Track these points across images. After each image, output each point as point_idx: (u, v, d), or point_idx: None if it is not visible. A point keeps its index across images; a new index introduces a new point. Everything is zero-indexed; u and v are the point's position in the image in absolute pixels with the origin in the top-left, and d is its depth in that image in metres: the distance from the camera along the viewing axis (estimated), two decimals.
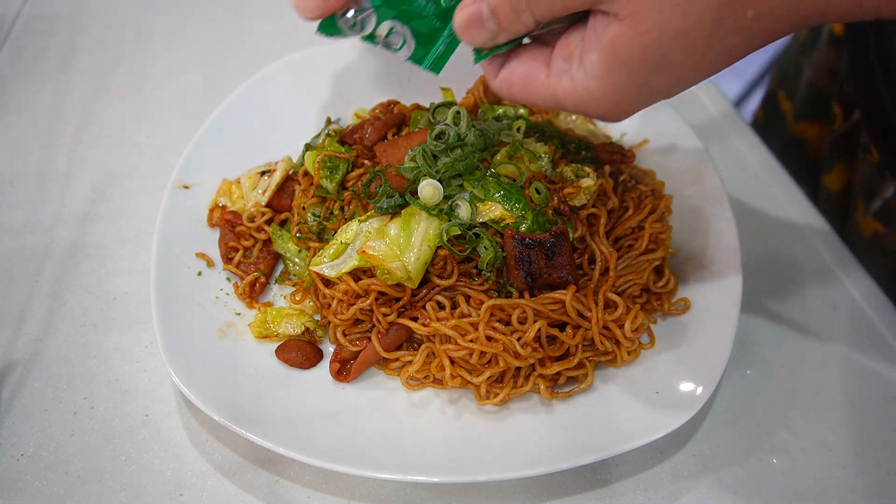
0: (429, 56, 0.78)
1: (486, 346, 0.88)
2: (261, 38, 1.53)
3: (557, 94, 0.72)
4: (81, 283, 1.08)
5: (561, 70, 0.71)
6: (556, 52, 0.72)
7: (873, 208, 1.21)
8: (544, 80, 0.73)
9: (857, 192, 1.26)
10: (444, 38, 0.77)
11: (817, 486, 0.90)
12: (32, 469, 0.87)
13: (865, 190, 1.23)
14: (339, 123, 1.21)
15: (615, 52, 0.65)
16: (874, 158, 1.19)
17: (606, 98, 0.69)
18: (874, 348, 1.05)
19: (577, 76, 0.69)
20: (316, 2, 0.76)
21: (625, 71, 0.66)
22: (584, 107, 0.71)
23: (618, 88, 0.68)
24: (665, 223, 1.05)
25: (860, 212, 1.24)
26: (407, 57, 0.79)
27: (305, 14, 0.78)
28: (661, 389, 0.91)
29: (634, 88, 0.68)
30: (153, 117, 1.35)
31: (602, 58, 0.66)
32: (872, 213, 1.21)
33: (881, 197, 1.19)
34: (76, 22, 1.55)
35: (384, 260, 0.88)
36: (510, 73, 0.75)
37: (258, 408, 0.87)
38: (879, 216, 1.20)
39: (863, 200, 1.24)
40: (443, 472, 0.82)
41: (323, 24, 0.79)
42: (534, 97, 0.74)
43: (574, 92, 0.70)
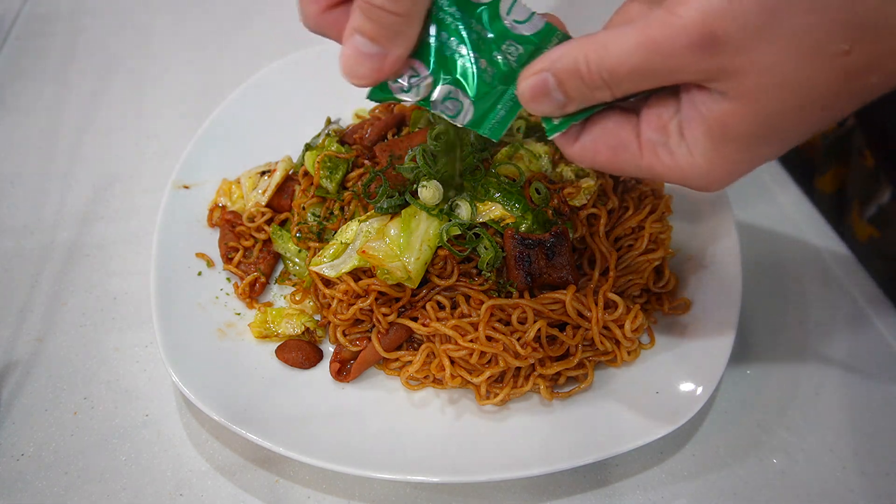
0: (487, 121, 0.72)
1: (486, 346, 0.88)
2: (261, 38, 1.53)
3: (655, 167, 0.67)
4: (81, 283, 1.08)
5: (656, 143, 0.66)
6: (646, 125, 0.66)
7: (868, 213, 1.20)
8: (635, 152, 0.67)
9: (851, 196, 1.25)
10: (504, 102, 0.72)
11: (817, 486, 0.90)
12: (32, 469, 0.87)
13: (860, 194, 1.23)
14: (339, 123, 1.21)
15: (724, 129, 0.61)
16: (869, 162, 1.19)
17: (713, 172, 0.64)
18: (874, 348, 1.05)
19: (678, 152, 0.65)
20: (369, 69, 0.69)
21: (734, 147, 0.62)
22: (686, 181, 0.67)
23: (725, 161, 0.63)
24: (665, 223, 1.05)
25: (855, 216, 1.24)
26: (464, 123, 0.73)
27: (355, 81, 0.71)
28: (661, 389, 0.91)
29: (744, 161, 0.64)
30: (153, 117, 1.35)
31: (708, 134, 0.62)
32: (868, 217, 1.21)
33: (876, 202, 1.18)
34: (76, 22, 1.55)
35: (384, 260, 0.88)
36: (594, 141, 0.69)
37: (258, 408, 0.87)
38: (875, 221, 1.20)
39: (858, 205, 1.23)
40: (443, 472, 0.82)
41: (374, 90, 0.73)
42: (624, 168, 0.69)
43: (677, 168, 0.65)
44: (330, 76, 1.29)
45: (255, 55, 1.47)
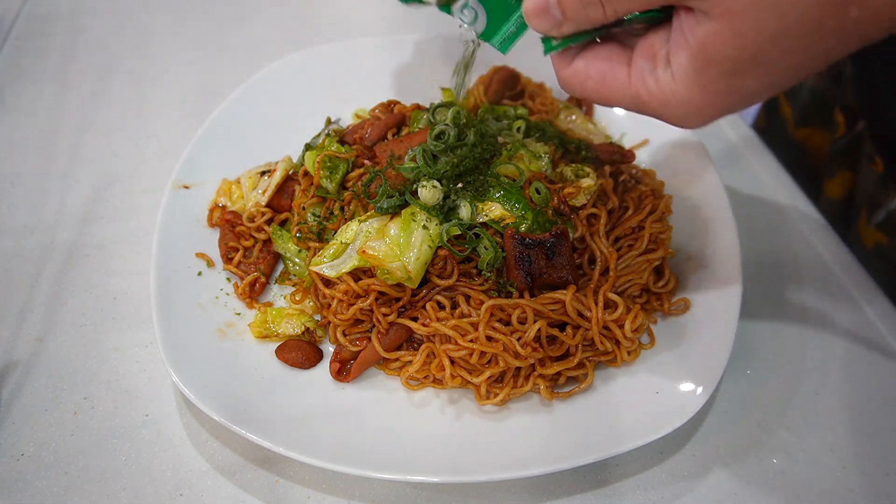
0: (498, 34, 0.79)
1: (486, 346, 0.88)
2: (261, 38, 1.53)
3: (640, 94, 0.69)
4: (81, 283, 1.08)
5: (644, 70, 0.68)
6: (638, 53, 0.69)
7: (877, 219, 1.20)
8: (624, 80, 0.70)
9: (859, 202, 1.25)
10: (515, 18, 0.78)
11: (817, 485, 0.90)
12: (32, 469, 0.87)
13: (869, 199, 1.22)
14: (339, 123, 1.21)
15: (705, 52, 0.62)
16: (879, 168, 1.18)
17: (691, 101, 0.66)
18: (874, 348, 1.05)
19: (662, 77, 0.67)
20: None
21: (715, 72, 0.63)
22: (667, 110, 0.69)
23: (705, 91, 0.65)
24: (665, 223, 1.05)
25: (862, 221, 1.23)
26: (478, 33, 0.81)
27: None
28: (661, 389, 0.91)
29: (723, 92, 0.65)
30: (153, 117, 1.35)
31: (691, 58, 0.64)
32: (876, 223, 1.20)
33: (885, 208, 1.18)
34: (76, 22, 1.55)
35: (384, 260, 0.88)
36: (586, 66, 0.72)
37: (258, 408, 0.87)
38: (883, 227, 1.19)
39: (866, 210, 1.23)
40: (443, 472, 0.82)
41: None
42: (611, 95, 0.72)
43: (659, 93, 0.67)
44: (330, 76, 1.31)
45: (255, 55, 1.47)
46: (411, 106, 1.13)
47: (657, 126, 1.22)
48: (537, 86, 1.26)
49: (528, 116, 1.13)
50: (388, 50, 1.34)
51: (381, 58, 1.33)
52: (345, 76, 1.31)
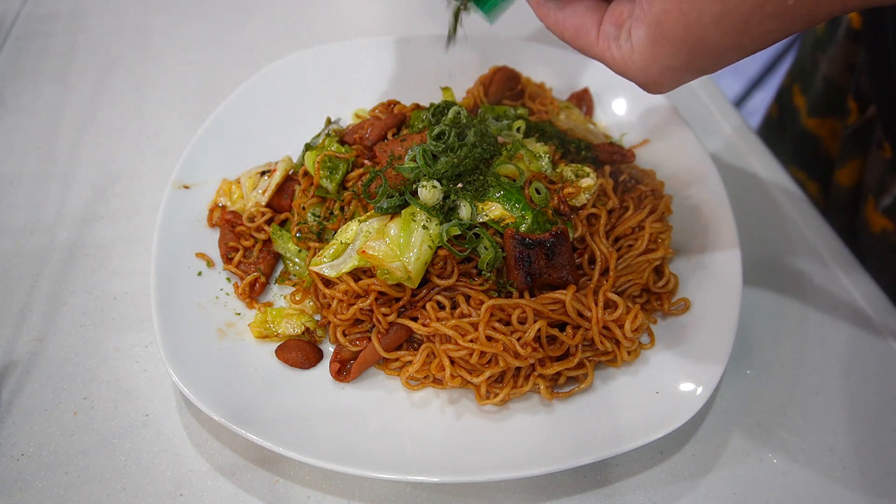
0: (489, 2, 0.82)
1: (486, 346, 0.88)
2: (261, 38, 1.53)
3: (604, 57, 0.76)
4: (81, 283, 1.08)
5: (609, 36, 0.74)
6: (608, 16, 0.75)
7: (883, 204, 1.20)
8: (593, 40, 0.76)
9: (868, 187, 1.25)
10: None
11: (817, 485, 0.90)
12: (32, 469, 0.87)
13: (876, 185, 1.22)
14: (339, 123, 1.21)
15: (660, 29, 0.68)
16: (887, 154, 1.19)
17: (648, 71, 0.72)
18: (874, 348, 1.05)
19: (623, 46, 0.73)
20: None
21: (668, 49, 0.69)
22: (626, 74, 0.75)
23: (659, 64, 0.70)
24: (665, 223, 1.05)
25: (870, 207, 1.24)
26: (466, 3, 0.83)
27: None
28: (661, 389, 0.91)
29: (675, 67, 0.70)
30: (153, 117, 1.35)
31: (648, 34, 0.69)
32: (882, 208, 1.21)
33: (892, 193, 1.18)
34: (76, 22, 1.55)
35: (384, 260, 0.88)
36: (565, 18, 0.79)
37: (258, 408, 0.87)
38: (889, 212, 1.20)
39: (873, 196, 1.23)
40: (443, 472, 0.82)
41: None
42: (583, 49, 0.79)
43: (620, 59, 0.74)
44: (330, 76, 1.31)
45: (255, 55, 1.47)
46: (411, 106, 1.13)
47: (657, 126, 1.23)
48: (537, 86, 1.26)
49: (528, 116, 1.13)
50: (388, 50, 1.34)
51: (381, 58, 1.33)
52: (345, 76, 1.31)
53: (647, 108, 1.26)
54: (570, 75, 1.30)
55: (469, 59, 1.30)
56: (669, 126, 1.22)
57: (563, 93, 1.28)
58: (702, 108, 1.41)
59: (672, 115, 1.23)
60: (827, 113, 1.40)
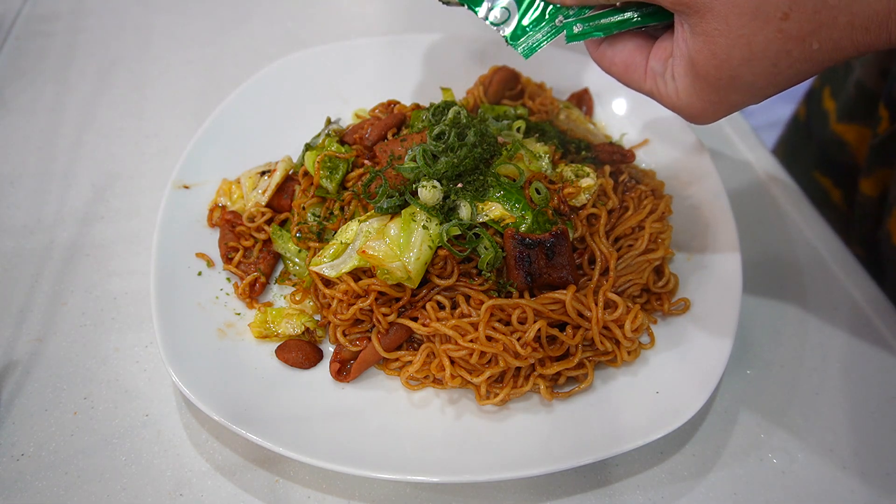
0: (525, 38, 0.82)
1: (486, 346, 0.88)
2: (261, 38, 1.53)
3: (653, 93, 0.79)
4: (81, 283, 1.08)
5: (655, 73, 0.77)
6: (653, 54, 0.78)
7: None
8: (641, 76, 0.79)
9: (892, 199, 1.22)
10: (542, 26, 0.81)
11: (817, 485, 0.90)
12: (32, 469, 0.87)
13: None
14: (339, 123, 1.21)
15: (696, 69, 0.71)
16: None
17: (692, 106, 0.75)
18: (874, 348, 1.05)
19: (669, 84, 0.76)
20: None
21: (706, 86, 0.72)
22: (675, 109, 0.78)
23: (701, 100, 0.74)
24: (665, 223, 1.05)
25: (893, 219, 1.21)
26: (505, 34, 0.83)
27: None
28: (661, 389, 0.91)
29: (716, 102, 0.73)
30: (153, 117, 1.35)
31: (687, 72, 0.72)
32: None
33: None
34: (76, 22, 1.55)
35: (384, 260, 0.88)
36: (613, 54, 0.81)
37: (258, 408, 0.87)
38: None
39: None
40: (443, 472, 0.82)
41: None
42: (631, 84, 0.81)
43: (667, 96, 0.77)
44: (330, 76, 1.31)
45: (255, 55, 1.47)
46: (411, 106, 1.13)
47: (657, 126, 1.23)
48: (537, 86, 1.26)
49: (528, 116, 1.13)
50: (388, 50, 1.34)
51: (381, 58, 1.33)
52: (345, 76, 1.31)
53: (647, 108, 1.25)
54: (570, 75, 1.30)
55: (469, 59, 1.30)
56: (669, 126, 1.22)
57: (563, 93, 1.28)
58: None
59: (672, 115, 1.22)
60: (856, 119, 1.37)
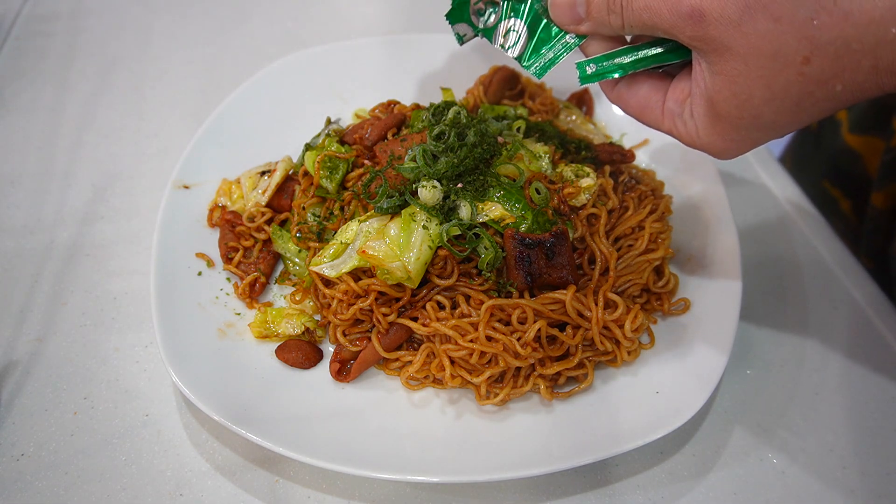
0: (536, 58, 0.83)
1: (486, 346, 0.88)
2: (261, 38, 1.53)
3: (671, 131, 0.77)
4: (81, 283, 1.08)
5: (673, 113, 0.76)
6: (670, 94, 0.76)
7: None
8: (658, 116, 0.77)
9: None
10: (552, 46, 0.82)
11: (817, 485, 0.90)
12: (32, 469, 0.87)
13: None
14: (339, 123, 1.21)
15: (715, 108, 0.69)
16: None
17: (714, 144, 0.73)
18: (874, 348, 1.05)
19: (688, 123, 0.74)
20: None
21: (727, 126, 0.70)
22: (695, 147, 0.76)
23: (723, 139, 0.72)
24: (665, 223, 1.05)
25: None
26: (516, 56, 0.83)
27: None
28: (661, 389, 0.91)
29: (738, 139, 0.72)
30: (153, 117, 1.35)
31: (707, 112, 0.71)
32: None
33: None
34: (76, 22, 1.55)
35: (384, 260, 0.88)
36: (629, 95, 0.80)
37: (258, 408, 0.87)
38: None
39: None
40: (443, 472, 0.82)
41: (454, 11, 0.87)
42: (649, 124, 0.80)
43: (686, 136, 0.75)
44: (330, 76, 1.31)
45: (255, 55, 1.47)
46: (411, 106, 1.13)
47: None
48: (537, 86, 1.25)
49: (528, 116, 1.13)
50: (388, 50, 1.34)
51: (381, 58, 1.33)
52: (345, 76, 1.31)
53: None
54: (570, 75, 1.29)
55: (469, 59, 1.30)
56: None
57: (563, 93, 1.28)
58: None
59: None
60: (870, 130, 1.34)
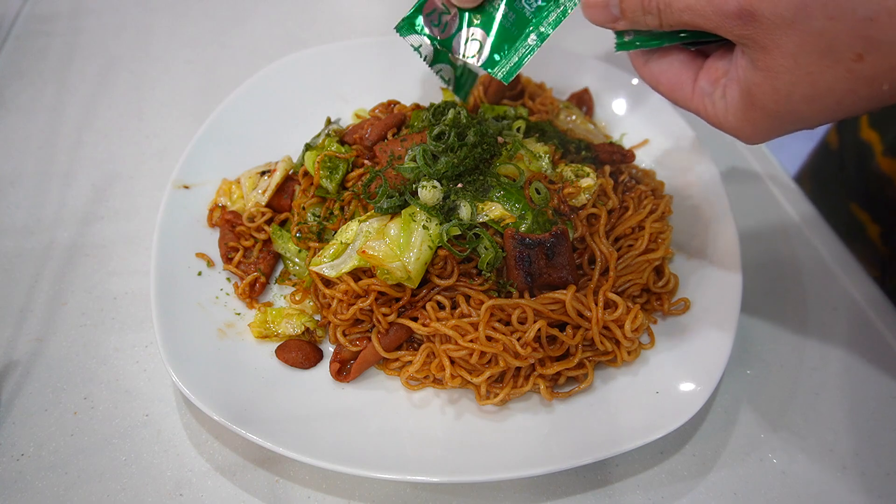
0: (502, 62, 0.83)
1: (486, 346, 0.88)
2: (261, 38, 1.53)
3: (699, 111, 0.77)
4: (81, 283, 1.08)
5: (704, 92, 0.76)
6: (703, 73, 0.76)
7: None
8: (688, 94, 0.77)
9: None
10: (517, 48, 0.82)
11: (817, 485, 0.90)
12: (32, 469, 0.87)
13: None
14: (339, 123, 1.21)
15: (752, 97, 0.69)
16: None
17: (742, 129, 0.74)
18: (874, 348, 1.05)
19: (718, 104, 0.74)
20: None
21: (759, 114, 0.70)
22: (721, 129, 0.76)
23: (752, 125, 0.72)
24: (665, 223, 1.05)
25: None
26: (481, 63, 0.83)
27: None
28: (661, 389, 0.91)
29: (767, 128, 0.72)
30: (153, 117, 1.35)
31: (741, 97, 0.71)
32: None
33: None
34: (76, 22, 1.55)
35: (384, 260, 0.88)
36: (660, 72, 0.80)
37: (258, 408, 0.87)
38: None
39: None
40: (443, 472, 0.82)
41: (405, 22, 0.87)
42: (677, 102, 0.80)
43: (714, 116, 0.75)
44: (330, 76, 1.31)
45: (255, 55, 1.47)
46: (411, 106, 1.13)
47: (657, 126, 1.23)
48: (537, 86, 1.26)
49: (528, 116, 1.13)
50: (388, 50, 1.34)
51: (381, 58, 1.33)
52: (345, 76, 1.31)
53: (647, 108, 1.26)
54: (570, 75, 1.30)
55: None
56: (669, 126, 1.22)
57: (563, 93, 1.28)
58: None
59: (672, 115, 1.23)
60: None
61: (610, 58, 1.32)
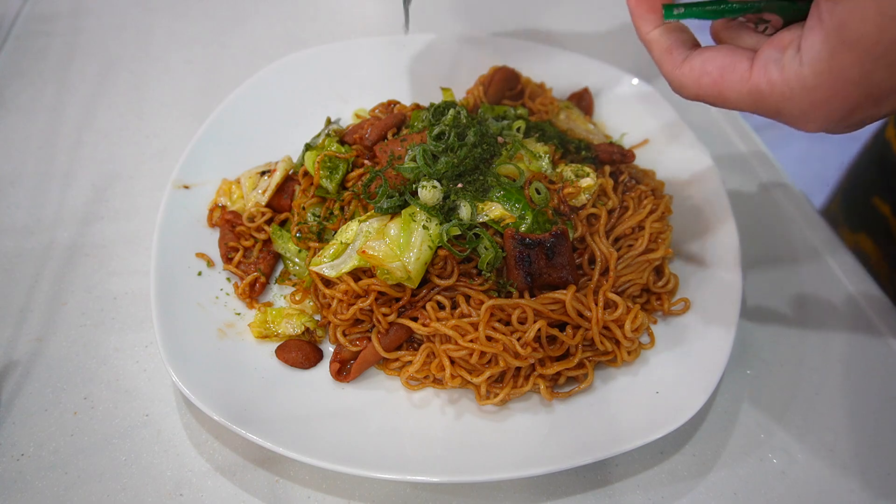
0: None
1: (486, 346, 0.88)
2: (261, 38, 1.53)
3: (760, 86, 0.65)
4: (81, 283, 1.08)
5: (769, 59, 0.65)
6: (768, 45, 0.66)
7: None
8: (744, 72, 0.66)
9: None
10: None
11: (817, 485, 0.90)
12: (32, 469, 0.87)
13: None
14: (339, 123, 1.21)
15: (843, 32, 0.58)
16: None
17: (817, 89, 0.61)
18: (874, 348, 1.05)
19: (789, 64, 0.63)
20: None
21: (850, 56, 0.58)
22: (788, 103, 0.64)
23: (835, 77, 0.60)
24: (665, 223, 1.05)
25: None
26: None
27: None
28: (661, 389, 0.91)
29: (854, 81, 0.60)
30: (153, 117, 1.35)
31: (826, 39, 0.59)
32: None
33: None
34: (76, 22, 1.55)
35: (384, 260, 0.88)
36: (704, 62, 0.69)
37: (258, 408, 0.87)
38: None
39: None
40: (443, 472, 0.82)
41: None
42: (727, 91, 0.68)
43: (782, 83, 0.63)
44: (330, 76, 1.31)
45: (254, 55, 1.47)
46: (411, 106, 1.13)
47: (657, 126, 1.23)
48: (537, 86, 1.25)
49: (528, 116, 1.13)
50: (388, 50, 1.34)
51: (381, 58, 1.33)
52: (345, 76, 1.31)
53: (648, 108, 1.26)
54: (570, 75, 1.30)
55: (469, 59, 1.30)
56: (669, 126, 1.22)
57: (563, 93, 1.28)
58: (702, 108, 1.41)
59: (672, 115, 1.23)
60: None
61: (610, 58, 1.32)
